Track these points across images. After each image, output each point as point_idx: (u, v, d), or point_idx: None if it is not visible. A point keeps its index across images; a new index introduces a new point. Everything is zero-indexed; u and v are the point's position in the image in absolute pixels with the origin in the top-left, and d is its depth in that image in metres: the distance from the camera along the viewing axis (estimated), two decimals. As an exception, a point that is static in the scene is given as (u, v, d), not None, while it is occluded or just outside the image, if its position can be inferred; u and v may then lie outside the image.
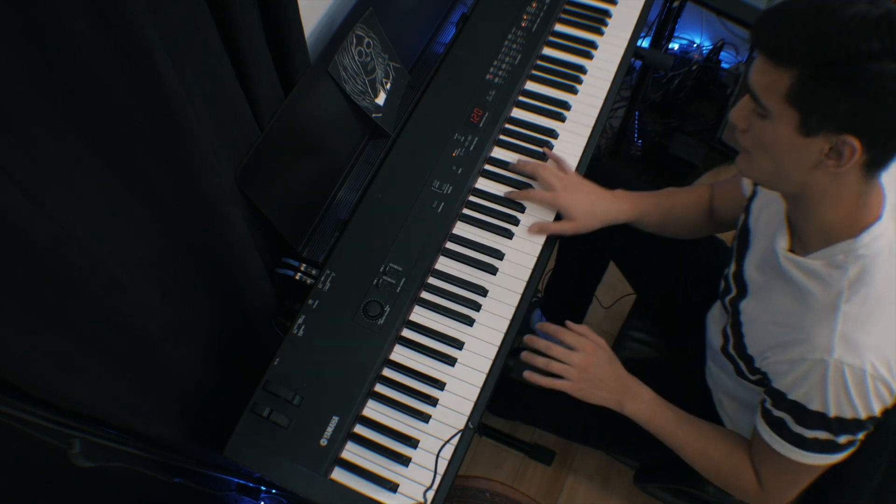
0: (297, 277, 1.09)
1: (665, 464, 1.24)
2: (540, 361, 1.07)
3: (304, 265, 1.10)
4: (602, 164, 2.07)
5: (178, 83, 0.72)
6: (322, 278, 1.07)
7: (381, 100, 1.22)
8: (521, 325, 1.08)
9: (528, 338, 1.10)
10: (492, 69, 1.27)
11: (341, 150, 1.20)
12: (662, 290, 1.38)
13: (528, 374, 1.07)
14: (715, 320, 1.16)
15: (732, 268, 1.07)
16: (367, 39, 1.18)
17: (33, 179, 0.64)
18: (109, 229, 0.76)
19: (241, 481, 1.20)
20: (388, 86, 1.24)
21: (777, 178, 0.85)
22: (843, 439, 0.88)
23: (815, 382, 0.85)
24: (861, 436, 0.88)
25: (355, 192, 1.17)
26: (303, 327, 1.03)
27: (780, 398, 0.91)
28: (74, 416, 0.79)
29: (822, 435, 0.88)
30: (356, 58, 1.17)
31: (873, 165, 0.78)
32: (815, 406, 0.86)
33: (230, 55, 0.90)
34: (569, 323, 1.11)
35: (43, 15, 0.59)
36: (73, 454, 0.77)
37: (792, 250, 0.92)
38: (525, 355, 1.08)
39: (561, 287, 1.69)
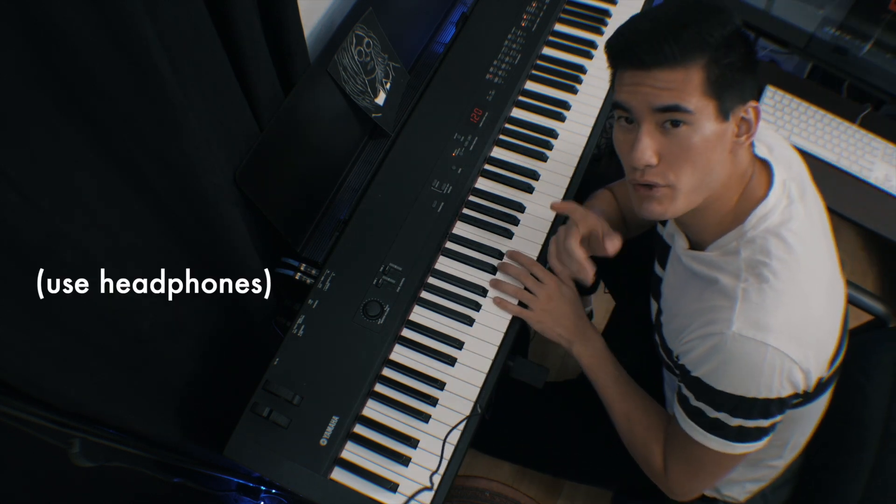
0: (297, 277, 1.09)
1: (641, 490, 1.21)
2: (510, 289, 1.08)
3: (304, 265, 1.10)
4: (601, 165, 2.07)
5: (177, 83, 0.72)
6: (322, 278, 1.07)
7: (380, 100, 1.22)
8: (521, 325, 1.08)
9: (501, 264, 1.11)
10: (491, 69, 1.27)
11: (341, 149, 1.20)
12: (633, 302, 1.35)
13: (496, 299, 1.08)
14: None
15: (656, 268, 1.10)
16: (366, 39, 1.19)
17: (31, 179, 0.64)
18: (108, 230, 0.76)
19: (241, 481, 1.20)
20: (388, 86, 1.24)
21: (703, 186, 0.83)
22: (736, 422, 0.85)
23: (716, 359, 0.84)
24: (767, 423, 0.86)
25: (355, 192, 1.17)
26: (303, 327, 1.03)
27: (685, 374, 0.91)
28: (74, 416, 0.79)
29: (718, 415, 0.87)
30: (356, 58, 1.17)
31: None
32: (711, 381, 0.86)
33: (230, 55, 0.90)
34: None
35: (42, 14, 0.59)
36: (73, 454, 0.77)
37: (693, 248, 0.95)
38: (495, 281, 1.10)
39: None
